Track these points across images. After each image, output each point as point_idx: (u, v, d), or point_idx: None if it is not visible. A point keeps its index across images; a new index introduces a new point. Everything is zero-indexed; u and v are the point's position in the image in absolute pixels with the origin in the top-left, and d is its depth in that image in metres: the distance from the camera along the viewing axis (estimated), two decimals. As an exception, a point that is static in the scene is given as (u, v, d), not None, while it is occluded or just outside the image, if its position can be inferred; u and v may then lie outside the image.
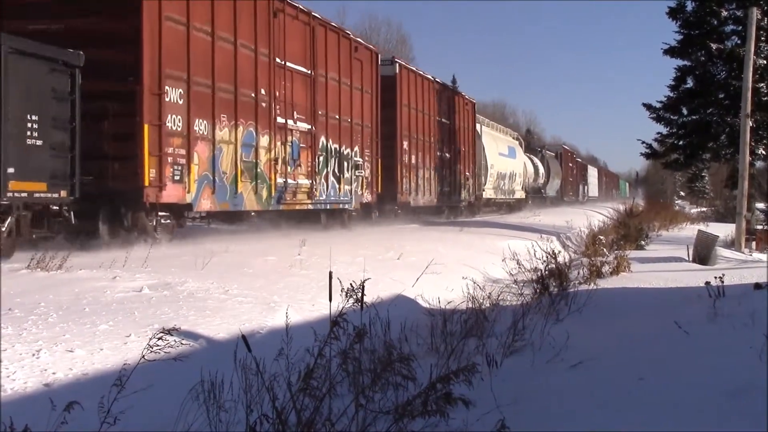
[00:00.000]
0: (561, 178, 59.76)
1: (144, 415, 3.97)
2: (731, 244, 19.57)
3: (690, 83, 23.85)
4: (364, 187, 20.65)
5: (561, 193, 61.14)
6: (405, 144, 24.12)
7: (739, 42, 22.31)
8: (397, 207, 24.00)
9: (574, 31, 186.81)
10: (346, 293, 4.25)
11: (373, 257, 11.78)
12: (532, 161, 48.44)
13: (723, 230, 21.45)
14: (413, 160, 24.96)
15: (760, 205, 29.23)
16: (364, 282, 4.38)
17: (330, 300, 4.75)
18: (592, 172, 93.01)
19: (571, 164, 69.26)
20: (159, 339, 3.75)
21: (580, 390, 4.92)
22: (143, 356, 3.77)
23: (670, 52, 23.49)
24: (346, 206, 19.58)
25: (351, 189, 19.74)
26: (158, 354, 3.79)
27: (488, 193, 35.65)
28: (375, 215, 22.68)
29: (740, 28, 22.21)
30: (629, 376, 5.01)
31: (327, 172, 18.39)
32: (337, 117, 18.93)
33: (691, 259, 15.72)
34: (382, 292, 8.21)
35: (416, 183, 25.18)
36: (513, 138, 44.52)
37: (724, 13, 22.74)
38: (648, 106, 24.30)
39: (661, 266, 14.21)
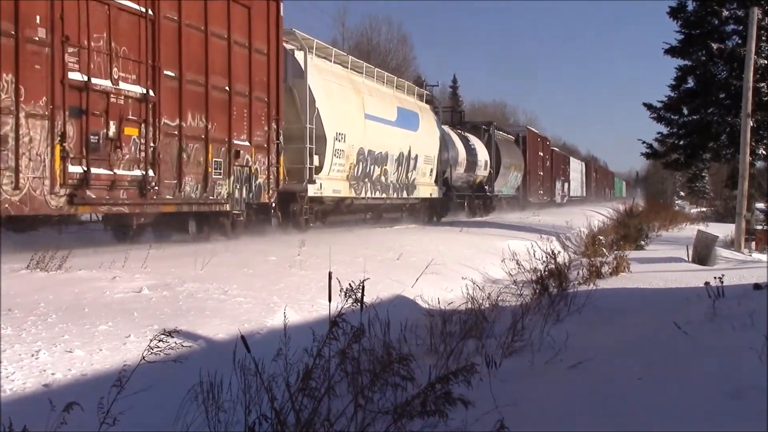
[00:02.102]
0: (523, 170, 43.32)
1: (143, 416, 3.97)
2: (731, 245, 19.58)
3: (691, 83, 23.86)
4: None
5: (524, 191, 44.94)
6: None
7: (739, 42, 22.30)
8: None
9: (575, 31, 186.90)
10: (345, 293, 4.25)
11: (373, 257, 11.79)
12: (465, 142, 30.97)
13: (723, 230, 21.47)
14: None
15: (760, 206, 29.25)
16: (363, 282, 4.39)
17: (329, 300, 4.76)
18: (576, 166, 74.43)
19: (541, 153, 50.65)
20: (159, 341, 3.76)
21: (579, 390, 4.92)
22: (143, 358, 3.77)
23: (671, 51, 23.49)
24: None
25: None
26: (158, 355, 3.79)
27: (330, 186, 18.46)
28: None
29: (741, 27, 22.21)
30: (628, 376, 5.01)
31: None
32: None
33: (690, 259, 15.73)
34: (382, 293, 8.22)
35: None
36: (415, 97, 26.23)
37: (725, 13, 22.74)
38: (649, 106, 24.32)
39: (661, 266, 14.21)
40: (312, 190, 17.48)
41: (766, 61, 21.77)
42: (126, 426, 3.49)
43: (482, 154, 33.17)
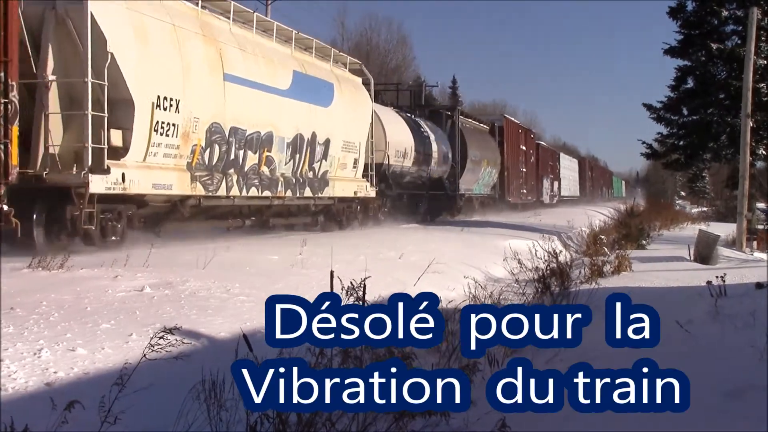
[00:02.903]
0: (499, 166, 37.02)
1: (144, 415, 3.97)
2: (732, 244, 19.57)
3: (690, 83, 23.82)
4: None
5: (501, 190, 38.46)
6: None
7: (739, 42, 22.27)
8: None
9: (575, 31, 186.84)
10: (347, 292, 4.26)
11: (375, 256, 11.79)
12: (414, 128, 25.12)
13: (724, 230, 21.45)
14: None
15: (761, 205, 29.23)
16: (364, 280, 4.39)
17: (331, 299, 4.74)
18: (568, 164, 68.02)
19: (523, 147, 43.36)
20: (160, 338, 3.76)
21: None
22: (144, 355, 3.77)
23: (671, 52, 23.45)
24: None
25: None
26: (159, 353, 3.80)
27: (148, 179, 11.82)
28: None
29: (740, 28, 22.16)
30: (630, 375, 4.99)
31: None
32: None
33: (692, 258, 15.73)
34: (383, 291, 8.21)
35: None
36: (331, 63, 19.72)
37: (725, 13, 22.69)
38: (648, 107, 24.28)
39: (663, 266, 14.20)
40: (103, 185, 10.81)
41: (765, 62, 21.74)
42: (127, 425, 3.50)
43: (440, 145, 27.14)
